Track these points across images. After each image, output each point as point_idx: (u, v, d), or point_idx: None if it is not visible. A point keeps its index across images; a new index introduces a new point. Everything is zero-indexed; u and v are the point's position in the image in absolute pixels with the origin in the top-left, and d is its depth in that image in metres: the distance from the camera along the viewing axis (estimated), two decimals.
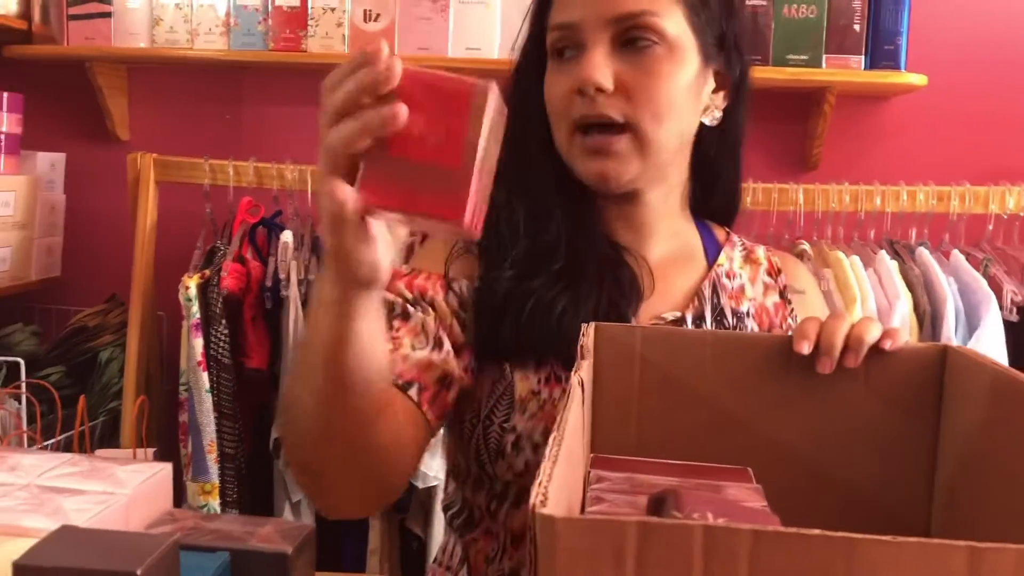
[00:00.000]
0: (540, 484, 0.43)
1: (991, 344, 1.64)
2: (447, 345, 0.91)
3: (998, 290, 1.71)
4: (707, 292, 1.00)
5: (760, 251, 1.09)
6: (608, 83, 0.90)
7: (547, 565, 0.40)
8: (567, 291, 0.92)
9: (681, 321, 0.97)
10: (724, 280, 1.02)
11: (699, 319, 0.98)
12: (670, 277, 1.00)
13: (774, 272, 1.07)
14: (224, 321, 1.69)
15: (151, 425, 1.81)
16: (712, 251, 1.05)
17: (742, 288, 1.03)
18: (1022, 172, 1.91)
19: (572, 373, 0.65)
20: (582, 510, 0.58)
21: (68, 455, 0.66)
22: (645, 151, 0.92)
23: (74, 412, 1.59)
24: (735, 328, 0.99)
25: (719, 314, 0.99)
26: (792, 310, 1.04)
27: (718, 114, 0.99)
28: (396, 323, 0.90)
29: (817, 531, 0.39)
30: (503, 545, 0.97)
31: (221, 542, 0.60)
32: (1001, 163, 2.00)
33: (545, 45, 0.96)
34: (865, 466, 0.78)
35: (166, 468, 0.65)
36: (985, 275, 1.76)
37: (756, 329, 1.01)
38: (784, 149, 2.10)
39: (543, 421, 0.91)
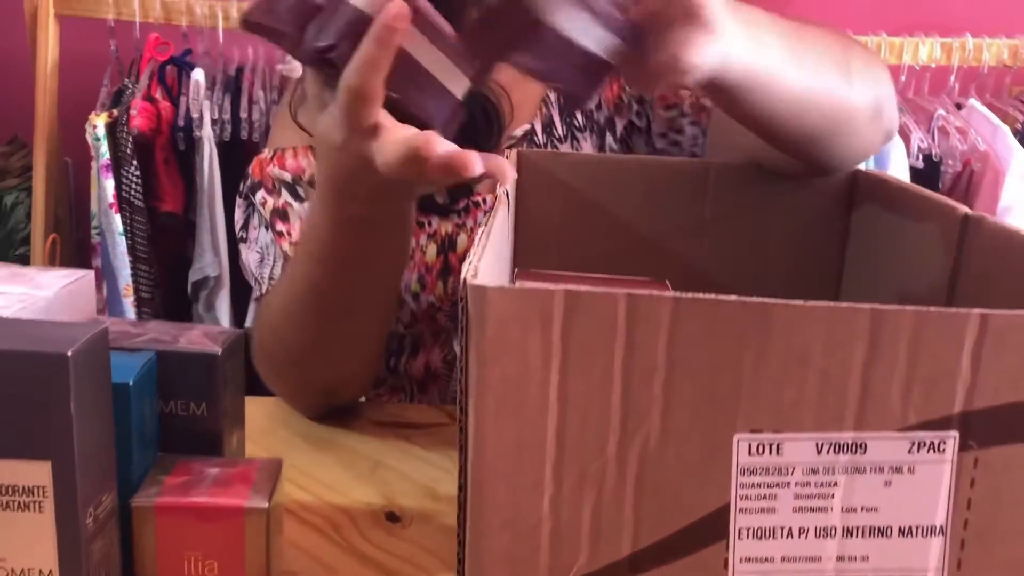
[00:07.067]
0: (470, 262, 0.44)
1: None
2: None
3: (906, 138, 1.77)
4: (553, 96, 0.96)
5: None
6: None
7: (478, 334, 0.41)
8: None
9: (531, 133, 0.94)
10: None
11: (549, 126, 0.95)
12: (518, 92, 0.94)
13: None
14: (135, 162, 1.64)
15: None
16: None
17: None
18: (934, 24, 1.95)
19: (498, 187, 0.65)
20: None
21: None
22: None
23: None
24: (584, 125, 0.96)
25: (568, 114, 0.96)
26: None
27: None
28: (294, 210, 0.89)
29: (734, 297, 0.41)
30: (410, 395, 0.98)
31: (149, 345, 0.60)
32: (915, 16, 2.02)
33: None
34: (774, 289, 0.82)
35: (88, 275, 0.64)
36: None
37: (605, 115, 0.96)
38: None
39: (415, 270, 0.91)
